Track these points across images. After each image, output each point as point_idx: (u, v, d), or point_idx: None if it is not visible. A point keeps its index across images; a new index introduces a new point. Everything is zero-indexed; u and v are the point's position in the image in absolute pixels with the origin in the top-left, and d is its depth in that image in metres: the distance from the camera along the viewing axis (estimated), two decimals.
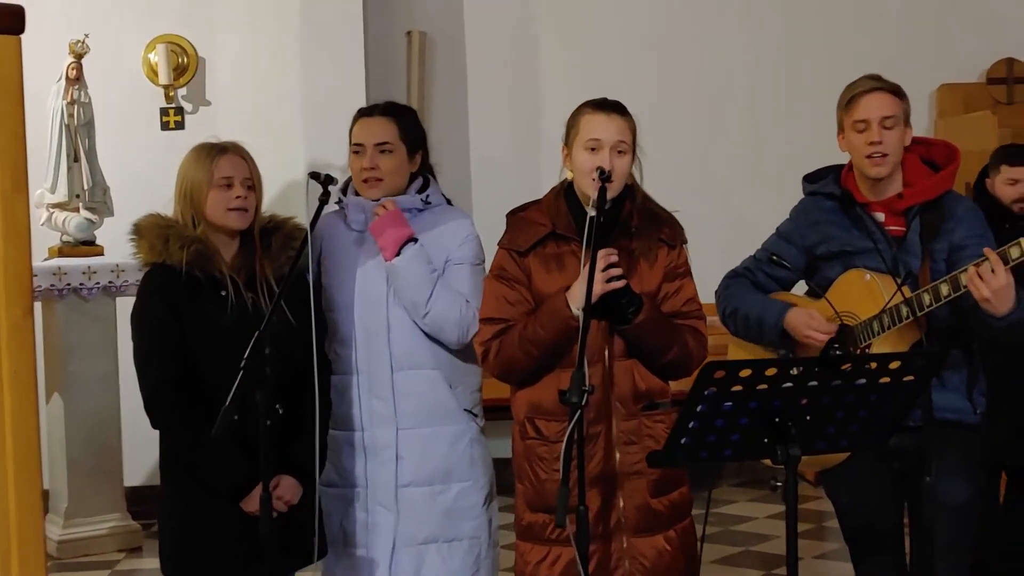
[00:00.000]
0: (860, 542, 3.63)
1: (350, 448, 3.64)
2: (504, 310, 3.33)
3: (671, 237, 3.35)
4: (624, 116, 3.31)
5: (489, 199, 7.33)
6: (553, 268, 3.29)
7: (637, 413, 3.27)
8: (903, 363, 2.78)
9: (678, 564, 3.32)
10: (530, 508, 3.34)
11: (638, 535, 3.27)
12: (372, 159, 3.59)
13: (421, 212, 3.65)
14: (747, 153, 7.54)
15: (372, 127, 3.63)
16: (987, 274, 3.20)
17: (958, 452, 3.49)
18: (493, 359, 3.33)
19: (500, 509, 3.86)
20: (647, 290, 3.27)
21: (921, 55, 7.48)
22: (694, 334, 3.32)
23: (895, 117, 3.51)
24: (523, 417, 3.35)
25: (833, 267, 3.58)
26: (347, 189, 3.71)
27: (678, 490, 3.34)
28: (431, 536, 3.61)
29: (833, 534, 4.99)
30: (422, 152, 3.71)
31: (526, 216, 3.39)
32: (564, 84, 7.33)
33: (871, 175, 3.52)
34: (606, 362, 3.26)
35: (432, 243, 3.59)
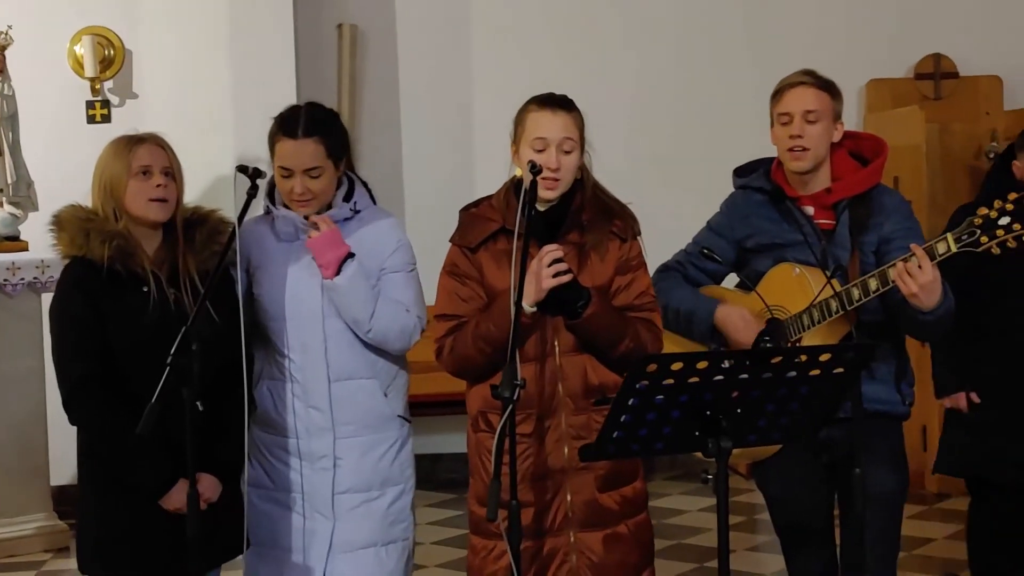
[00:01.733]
0: (791, 533, 3.66)
1: (284, 453, 3.60)
2: (457, 306, 3.32)
3: (623, 230, 3.35)
4: (571, 112, 3.30)
5: (421, 194, 7.31)
6: (504, 264, 3.27)
7: (587, 408, 3.27)
8: (833, 355, 2.79)
9: (629, 559, 3.32)
10: (479, 502, 3.34)
11: (586, 530, 3.27)
12: (303, 184, 3.46)
13: (349, 220, 3.59)
14: (678, 148, 7.57)
15: (300, 153, 3.45)
16: (914, 270, 3.23)
17: (887, 443, 3.53)
18: (447, 356, 3.32)
19: (434, 504, 3.85)
20: (598, 284, 3.27)
21: (850, 51, 7.55)
22: (648, 326, 3.32)
23: (818, 112, 3.52)
24: (477, 411, 3.35)
25: (763, 260, 3.60)
26: (273, 192, 3.63)
27: (631, 485, 3.34)
28: (368, 541, 3.59)
29: (765, 526, 5.02)
30: (347, 157, 3.65)
31: (477, 212, 3.38)
32: (497, 78, 7.32)
33: (791, 169, 3.54)
34: (556, 358, 3.25)
35: (363, 250, 3.54)
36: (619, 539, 3.28)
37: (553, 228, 3.26)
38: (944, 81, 7.79)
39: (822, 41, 7.49)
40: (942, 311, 3.31)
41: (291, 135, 3.46)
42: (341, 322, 3.52)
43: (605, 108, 7.23)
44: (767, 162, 3.69)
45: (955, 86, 7.79)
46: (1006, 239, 3.22)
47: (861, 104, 7.73)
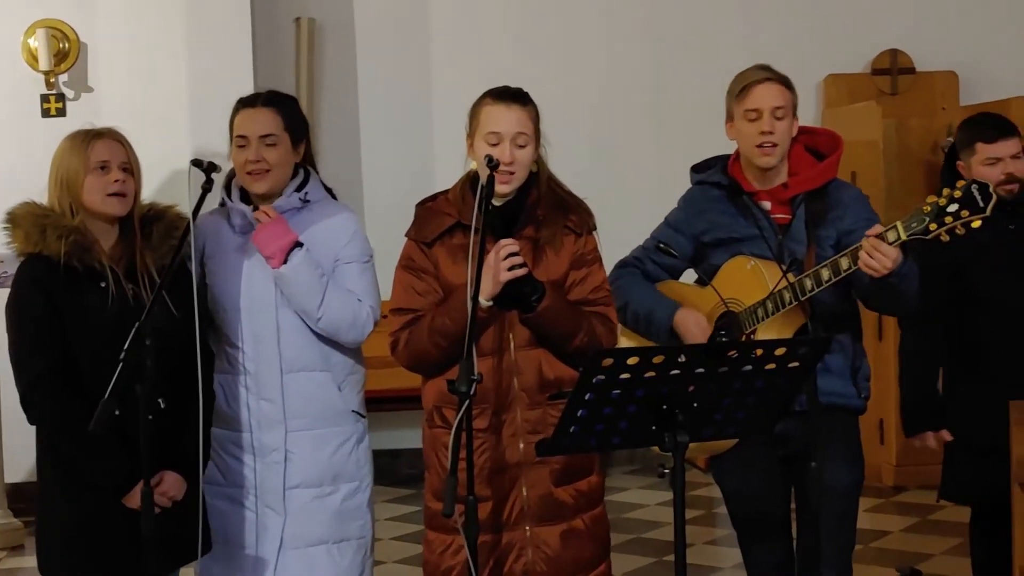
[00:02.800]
0: (748, 527, 3.67)
1: (237, 448, 3.58)
2: (413, 301, 3.31)
3: (578, 225, 3.34)
4: (525, 105, 3.29)
5: (380, 188, 7.29)
6: (460, 258, 3.26)
7: (542, 402, 3.26)
8: (788, 349, 2.79)
9: (585, 553, 3.32)
10: (435, 497, 3.33)
11: (541, 524, 3.27)
12: (257, 152, 3.49)
13: (300, 211, 3.58)
14: (637, 145, 7.59)
15: (256, 118, 3.52)
16: (877, 256, 3.24)
17: (842, 436, 3.54)
18: (402, 350, 3.31)
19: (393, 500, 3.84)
20: (553, 278, 3.26)
21: (808, 46, 7.59)
22: (602, 320, 3.32)
23: (785, 108, 3.54)
24: (432, 406, 3.34)
25: (720, 254, 3.61)
26: (231, 184, 3.62)
27: (586, 479, 3.34)
28: (320, 538, 3.57)
29: (723, 520, 5.05)
30: (305, 142, 3.64)
31: (433, 206, 3.37)
32: (455, 72, 7.31)
33: (760, 164, 3.55)
34: (511, 352, 3.24)
35: (317, 242, 3.53)
36: (575, 533, 3.29)
37: (509, 223, 3.26)
38: (901, 77, 7.85)
39: (780, 37, 7.52)
40: (905, 269, 3.33)
41: (250, 105, 3.55)
42: (294, 314, 3.51)
43: (564, 104, 7.26)
44: (724, 158, 3.70)
45: (912, 82, 7.85)
46: (954, 226, 3.25)
47: (819, 99, 7.77)
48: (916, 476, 6.90)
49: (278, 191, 3.55)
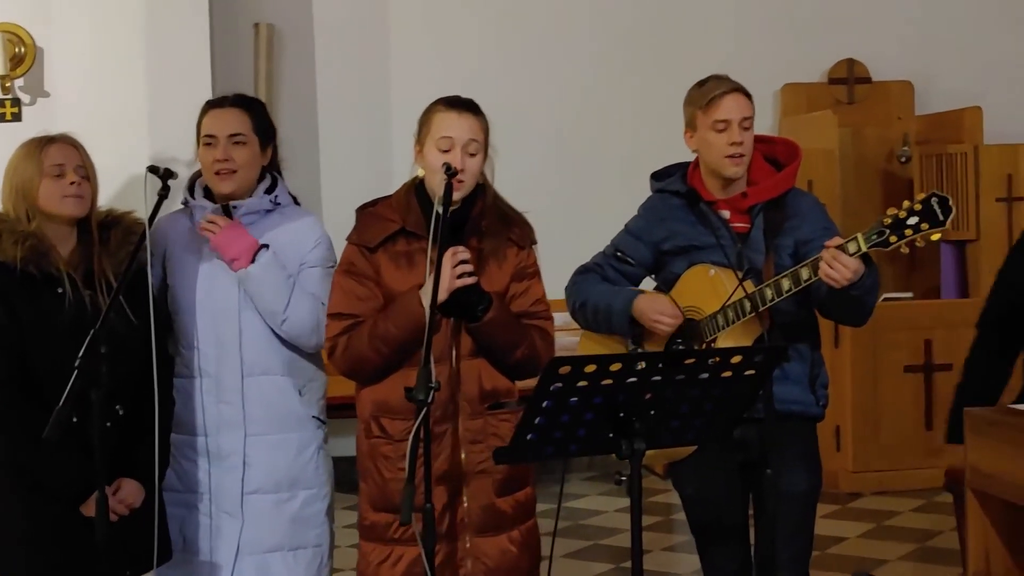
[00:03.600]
0: (706, 533, 3.68)
1: (193, 452, 3.56)
2: (353, 306, 3.29)
3: (521, 238, 3.35)
4: (477, 115, 3.30)
5: (339, 195, 7.25)
6: (403, 265, 3.26)
7: (483, 412, 3.27)
8: (745, 357, 2.81)
9: (521, 564, 3.33)
10: (373, 508, 3.31)
11: (482, 535, 3.27)
12: (225, 151, 3.49)
13: (270, 213, 3.57)
14: (594, 150, 7.62)
15: (225, 118, 3.53)
16: (838, 267, 3.26)
17: (800, 444, 3.56)
18: (340, 355, 3.29)
19: (343, 508, 3.84)
20: (495, 290, 3.27)
21: (765, 55, 7.65)
22: (542, 334, 3.33)
23: (751, 118, 3.56)
24: (368, 416, 3.32)
25: (679, 263, 3.63)
26: (195, 185, 3.61)
27: (523, 490, 3.35)
28: (276, 544, 3.56)
29: (681, 526, 5.07)
30: (272, 147, 3.64)
31: (376, 212, 3.35)
32: (415, 78, 7.31)
33: (728, 174, 3.56)
34: (453, 361, 3.25)
35: (283, 245, 3.53)
36: (513, 544, 3.30)
37: (454, 233, 3.25)
38: (857, 86, 7.92)
39: (738, 46, 7.58)
40: (870, 282, 3.35)
41: (218, 106, 3.57)
42: (257, 316, 3.50)
43: (522, 111, 7.30)
44: (684, 166, 3.72)
45: (868, 91, 7.92)
46: (914, 239, 3.28)
47: (776, 108, 7.83)
48: (872, 482, 6.97)
49: (244, 192, 3.54)
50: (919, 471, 6.84)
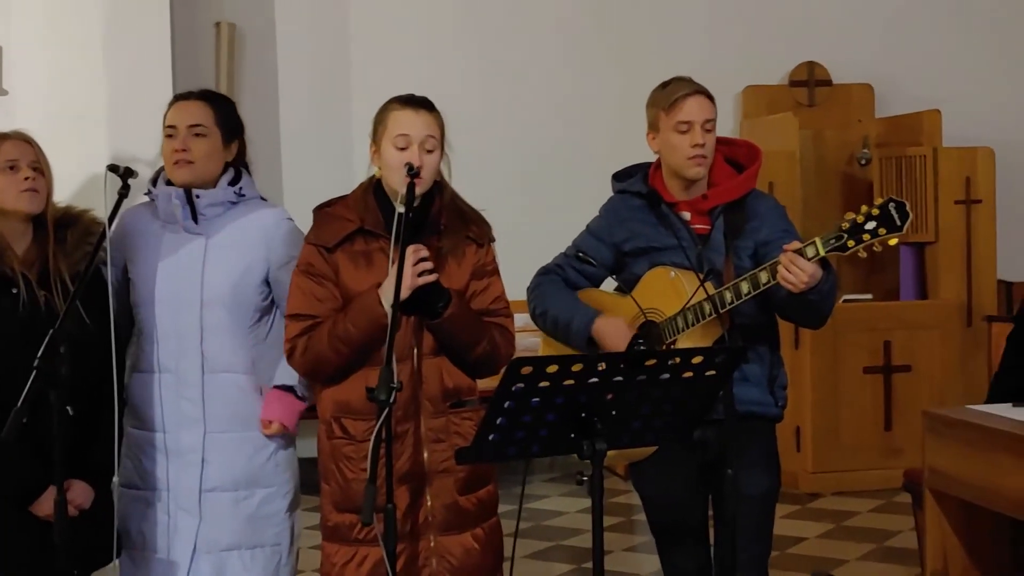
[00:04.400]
0: (666, 533, 3.70)
1: (151, 449, 3.53)
2: (312, 307, 3.28)
3: (479, 235, 3.35)
4: (432, 112, 3.29)
5: (301, 194, 7.20)
6: (362, 265, 3.26)
7: (445, 411, 3.26)
8: (705, 358, 2.83)
9: (486, 562, 3.33)
10: (336, 508, 3.30)
11: (445, 533, 3.26)
12: (184, 141, 3.48)
13: (235, 205, 3.56)
14: (556, 151, 7.64)
15: (187, 109, 3.53)
16: (796, 271, 3.28)
17: (760, 444, 3.58)
18: (300, 356, 3.28)
19: (305, 509, 3.82)
20: (455, 287, 3.27)
21: (727, 58, 7.69)
22: (502, 331, 3.33)
23: (713, 121, 3.58)
24: (329, 416, 3.31)
25: (640, 264, 3.64)
26: (157, 179, 3.60)
27: (485, 488, 3.35)
28: (234, 543, 3.54)
29: (642, 527, 5.07)
30: (239, 143, 3.63)
31: (333, 212, 3.34)
32: (376, 78, 7.31)
33: (690, 176, 3.57)
34: (415, 360, 3.24)
35: (249, 239, 3.51)
36: (476, 542, 3.30)
37: (413, 231, 3.25)
38: (818, 88, 7.97)
39: (699, 48, 7.61)
40: (827, 287, 3.37)
41: (183, 98, 3.57)
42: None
43: (484, 109, 7.31)
44: (645, 167, 3.73)
45: (828, 94, 7.97)
46: (872, 244, 3.30)
47: (737, 110, 7.87)
48: (832, 483, 7.01)
49: (203, 184, 3.52)
50: (878, 471, 6.90)
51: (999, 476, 3.53)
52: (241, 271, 3.51)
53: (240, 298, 3.51)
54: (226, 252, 3.51)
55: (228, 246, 3.52)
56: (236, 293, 3.50)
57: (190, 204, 3.51)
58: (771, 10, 7.97)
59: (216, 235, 3.53)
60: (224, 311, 3.50)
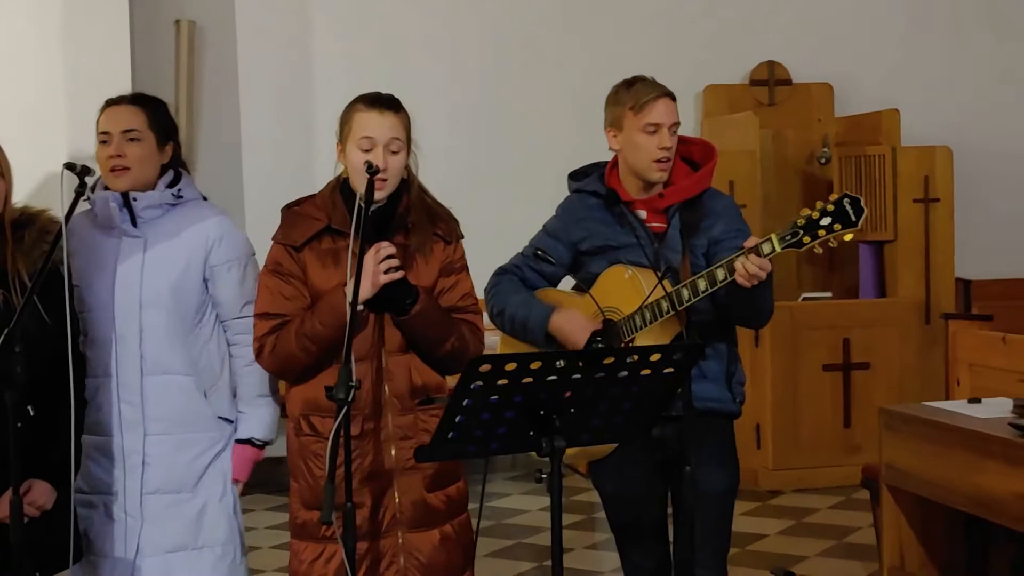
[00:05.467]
0: (625, 531, 3.71)
1: (99, 453, 3.51)
2: (280, 305, 3.28)
3: (447, 232, 3.36)
4: (397, 112, 3.29)
5: (262, 192, 7.22)
6: (329, 263, 3.26)
7: (413, 408, 3.27)
8: (663, 356, 2.84)
9: (455, 559, 3.33)
10: (304, 506, 3.30)
11: (413, 530, 3.27)
12: (119, 147, 3.46)
13: (173, 208, 3.54)
14: (517, 148, 7.65)
15: (118, 114, 3.51)
16: (754, 269, 3.30)
17: (718, 441, 3.60)
18: (268, 355, 3.28)
19: (273, 508, 3.81)
20: (423, 284, 3.27)
21: (687, 57, 7.72)
22: (471, 328, 3.34)
23: (678, 124, 3.59)
24: (298, 414, 3.31)
25: (597, 262, 3.65)
26: (96, 184, 3.57)
27: (454, 485, 3.35)
28: (179, 544, 3.51)
29: (603, 524, 5.08)
30: (173, 144, 3.60)
31: (301, 210, 3.34)
32: (338, 76, 7.29)
33: (654, 179, 3.58)
34: (382, 357, 3.24)
35: (188, 242, 3.49)
36: (445, 539, 3.30)
37: (380, 229, 3.25)
38: (778, 88, 8.02)
39: (660, 47, 7.64)
40: (769, 287, 3.41)
41: (114, 104, 3.54)
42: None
43: (447, 107, 7.31)
44: (601, 166, 3.74)
45: (788, 93, 8.02)
46: (828, 239, 3.32)
47: (698, 109, 7.90)
48: (792, 480, 7.05)
49: (140, 188, 3.50)
50: (837, 468, 6.94)
51: (955, 472, 3.56)
52: (180, 272, 3.50)
53: (180, 300, 3.50)
54: (165, 254, 3.50)
55: (167, 248, 3.50)
56: (176, 295, 3.49)
57: (128, 208, 3.49)
58: (732, 10, 8.00)
59: (155, 237, 3.51)
60: (163, 313, 3.48)
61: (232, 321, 3.55)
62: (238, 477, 3.58)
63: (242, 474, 3.58)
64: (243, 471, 3.59)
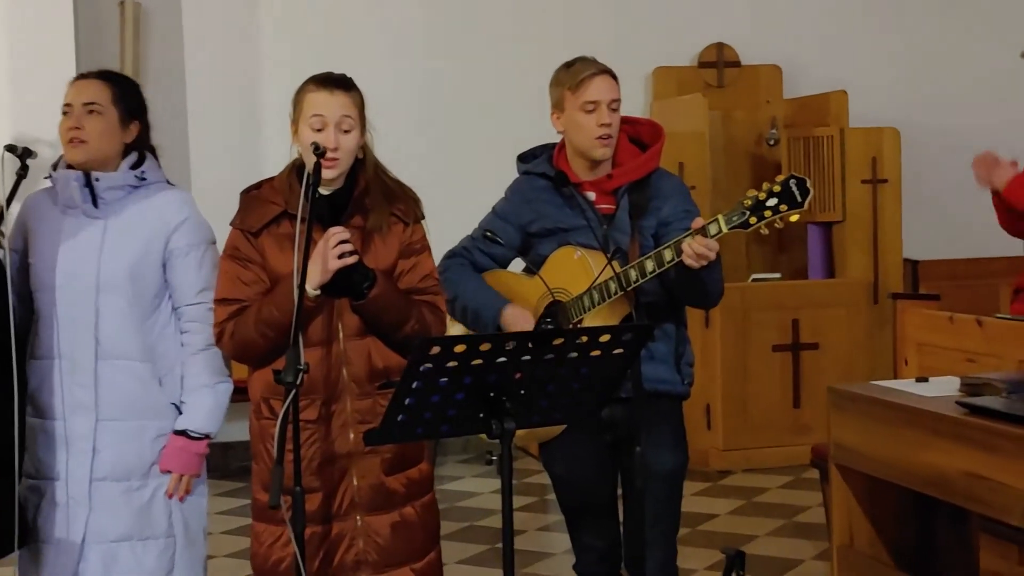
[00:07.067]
0: (575, 512, 3.71)
1: (46, 437, 3.46)
2: (239, 291, 3.26)
3: (406, 213, 3.33)
4: (349, 91, 3.26)
5: (209, 176, 7.17)
6: (287, 248, 3.21)
7: (372, 392, 3.24)
8: (613, 337, 2.84)
9: (416, 541, 3.30)
10: (264, 488, 3.25)
11: (372, 513, 3.25)
12: (78, 119, 3.41)
13: (137, 188, 3.50)
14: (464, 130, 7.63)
15: (83, 87, 3.47)
16: (702, 250, 3.31)
17: (667, 422, 3.61)
18: (228, 340, 3.26)
19: (224, 493, 3.77)
20: (382, 267, 3.25)
21: (636, 39, 7.72)
22: (432, 309, 3.31)
23: (619, 100, 3.59)
24: (259, 397, 3.29)
25: (547, 244, 3.64)
26: (59, 161, 3.53)
27: (416, 467, 3.33)
28: (125, 534, 3.47)
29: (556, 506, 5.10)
30: (140, 124, 3.56)
31: (259, 195, 3.31)
32: (284, 58, 7.24)
33: (597, 157, 3.58)
34: (340, 341, 3.22)
35: (149, 225, 3.46)
36: (406, 522, 3.28)
37: (337, 212, 3.23)
38: (727, 70, 8.03)
39: (609, 29, 7.64)
40: (719, 269, 3.42)
41: (82, 77, 3.49)
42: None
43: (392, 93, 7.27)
44: (550, 147, 3.74)
45: (737, 75, 8.04)
46: (774, 220, 3.34)
47: (648, 91, 7.90)
48: (742, 460, 7.10)
49: (99, 165, 3.45)
50: (787, 448, 6.99)
51: (903, 451, 3.58)
52: (139, 256, 3.45)
53: (138, 284, 3.45)
54: (125, 236, 3.45)
55: (127, 230, 3.46)
56: (134, 279, 3.45)
57: (90, 188, 3.44)
58: None
59: (116, 219, 3.47)
60: (121, 297, 3.44)
61: (185, 307, 3.51)
62: (167, 467, 3.50)
63: (172, 464, 3.49)
64: (173, 461, 3.50)
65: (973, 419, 3.34)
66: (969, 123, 8.11)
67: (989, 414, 3.32)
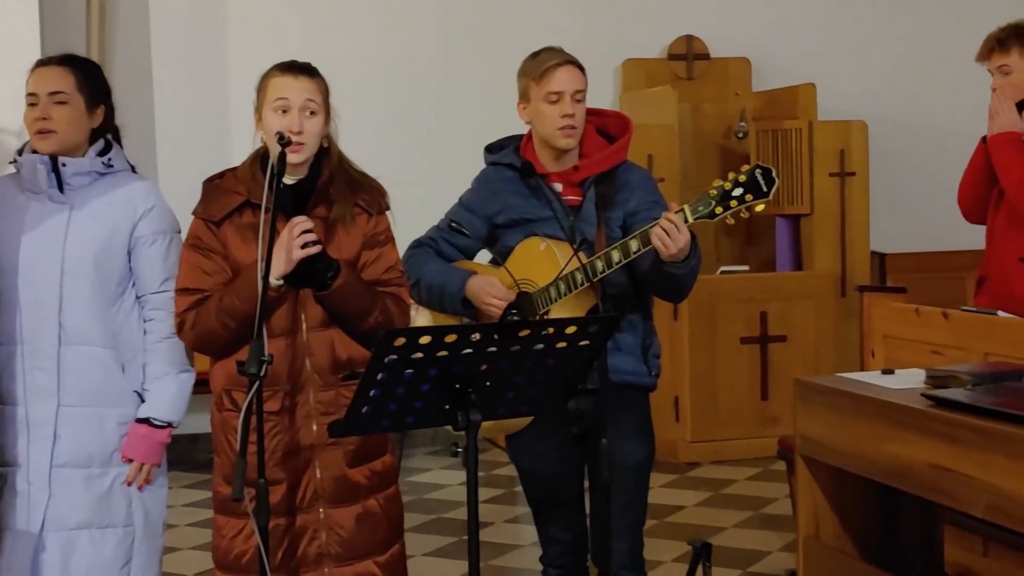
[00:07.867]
0: (542, 503, 3.71)
1: (8, 423, 3.44)
2: (200, 280, 3.23)
3: (370, 204, 3.32)
4: (313, 77, 3.26)
5: (175, 162, 7.13)
6: (250, 237, 3.20)
7: (335, 384, 3.23)
8: (579, 328, 2.83)
9: (379, 533, 3.29)
10: (226, 481, 3.24)
11: (335, 506, 3.23)
12: (45, 109, 3.39)
13: (103, 176, 3.47)
14: (433, 120, 7.61)
15: (46, 76, 3.44)
16: (673, 233, 3.31)
17: (634, 414, 3.61)
18: (189, 331, 3.23)
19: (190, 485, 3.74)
20: (346, 257, 3.23)
21: (606, 31, 7.72)
22: (396, 300, 3.30)
23: (584, 91, 3.58)
24: (220, 389, 3.27)
25: (513, 235, 3.64)
26: (25, 148, 3.50)
27: (379, 459, 3.32)
28: (83, 522, 3.44)
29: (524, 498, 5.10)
30: (105, 108, 3.54)
31: (222, 184, 3.29)
32: (252, 45, 7.21)
33: (561, 147, 3.58)
34: (303, 332, 3.20)
35: (115, 212, 3.43)
36: (369, 514, 3.27)
37: (300, 202, 3.22)
38: (696, 62, 8.04)
39: (578, 21, 7.62)
40: (694, 262, 3.42)
41: (43, 64, 3.47)
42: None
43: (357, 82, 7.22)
44: (517, 139, 3.73)
45: (706, 67, 8.05)
46: (739, 210, 3.34)
47: (617, 83, 7.90)
48: (709, 452, 7.11)
49: (68, 153, 3.43)
50: (755, 440, 7.01)
51: (869, 443, 3.59)
52: (104, 242, 3.43)
53: (102, 270, 3.43)
54: (90, 223, 3.43)
55: (93, 217, 3.44)
56: (98, 265, 3.43)
57: (56, 173, 3.42)
58: None
59: (81, 205, 3.45)
60: (85, 282, 3.42)
61: (150, 296, 3.49)
62: (129, 455, 3.48)
63: (134, 452, 3.48)
64: (135, 450, 3.48)
65: (938, 411, 3.35)
66: (936, 117, 8.14)
67: (954, 406, 3.33)
